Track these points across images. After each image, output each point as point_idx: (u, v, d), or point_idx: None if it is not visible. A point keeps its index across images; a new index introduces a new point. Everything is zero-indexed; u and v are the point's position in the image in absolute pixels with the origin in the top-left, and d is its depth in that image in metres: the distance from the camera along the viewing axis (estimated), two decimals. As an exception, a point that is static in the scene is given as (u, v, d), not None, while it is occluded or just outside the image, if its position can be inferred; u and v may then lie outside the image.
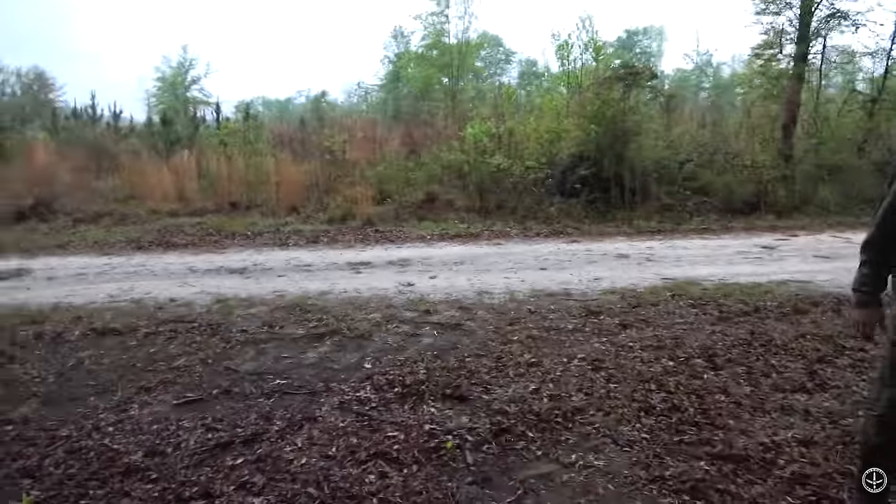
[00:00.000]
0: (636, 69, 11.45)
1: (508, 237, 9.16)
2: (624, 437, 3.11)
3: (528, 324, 4.92)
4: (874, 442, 2.21)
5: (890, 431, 2.16)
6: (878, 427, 2.18)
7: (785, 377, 3.89)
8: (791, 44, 13.49)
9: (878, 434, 2.18)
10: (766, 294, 5.66)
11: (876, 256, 2.11)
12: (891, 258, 2.11)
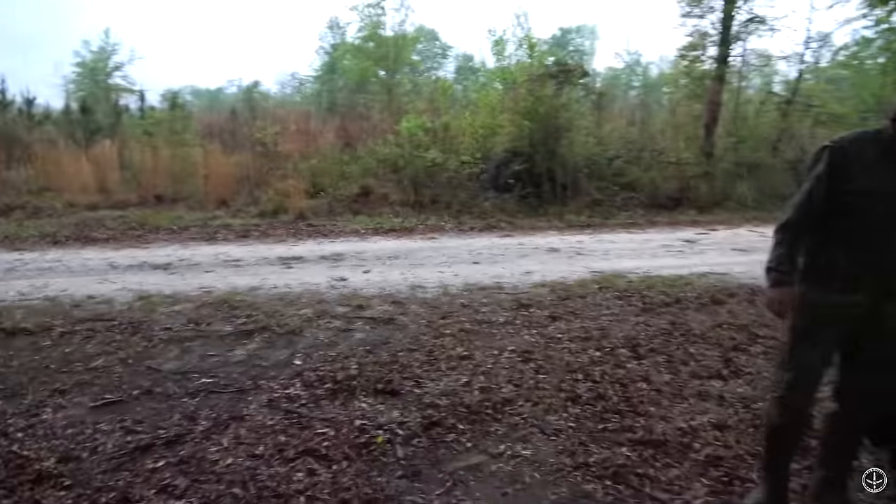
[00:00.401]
0: (568, 67, 11.71)
1: (443, 231, 9.21)
2: (551, 427, 3.19)
3: (461, 317, 4.96)
4: (776, 423, 2.35)
5: (790, 412, 2.31)
6: (779, 408, 2.32)
7: (702, 365, 4.09)
8: (714, 46, 14.11)
9: (780, 415, 2.32)
10: (686, 286, 5.92)
11: (791, 238, 2.22)
12: (803, 241, 2.23)
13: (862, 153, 2.17)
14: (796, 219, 2.21)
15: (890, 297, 2.20)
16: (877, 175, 2.13)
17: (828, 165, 2.17)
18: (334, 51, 31.75)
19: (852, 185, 2.14)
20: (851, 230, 2.18)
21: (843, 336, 2.25)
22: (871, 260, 2.18)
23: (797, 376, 2.28)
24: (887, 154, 2.14)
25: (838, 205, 2.16)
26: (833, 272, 2.21)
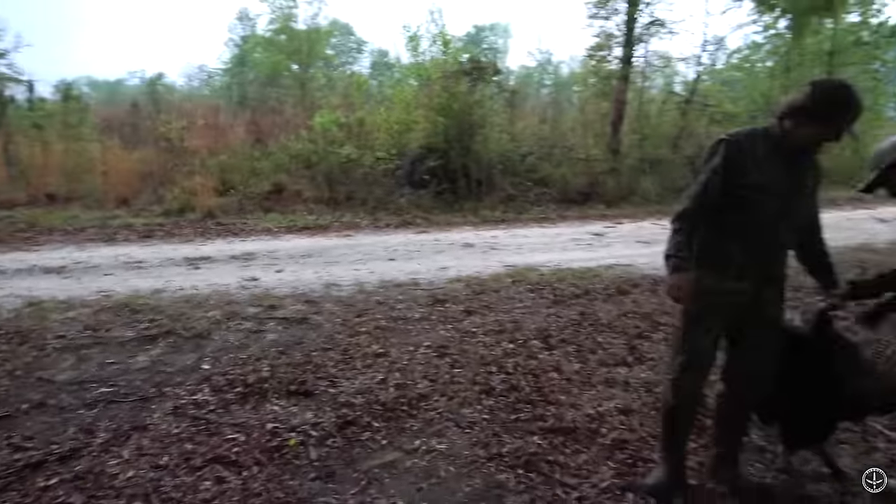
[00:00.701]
0: (482, 64, 11.86)
1: (358, 228, 9.11)
2: (466, 420, 3.24)
3: (377, 315, 4.94)
4: (671, 404, 2.49)
5: (684, 394, 2.45)
6: (674, 390, 2.46)
7: (609, 353, 4.26)
8: (619, 47, 14.72)
9: (675, 397, 2.46)
10: (595, 277, 6.15)
11: (688, 227, 2.32)
12: (698, 230, 2.35)
13: (754, 149, 2.30)
14: (693, 209, 2.32)
15: (770, 284, 2.37)
16: (767, 170, 2.28)
17: (724, 159, 2.29)
18: (244, 43, 30.67)
19: (745, 179, 2.27)
20: (742, 221, 2.31)
21: (731, 321, 2.41)
22: (758, 250, 2.33)
23: (690, 359, 2.42)
24: (776, 151, 2.29)
25: (732, 197, 2.29)
26: (724, 260, 2.34)
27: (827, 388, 2.43)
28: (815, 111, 2.20)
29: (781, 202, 2.29)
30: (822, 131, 2.24)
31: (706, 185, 2.31)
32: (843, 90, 2.23)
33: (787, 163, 2.30)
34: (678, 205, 2.38)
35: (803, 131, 2.25)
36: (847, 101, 2.20)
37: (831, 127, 2.22)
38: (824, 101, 2.19)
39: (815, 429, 2.62)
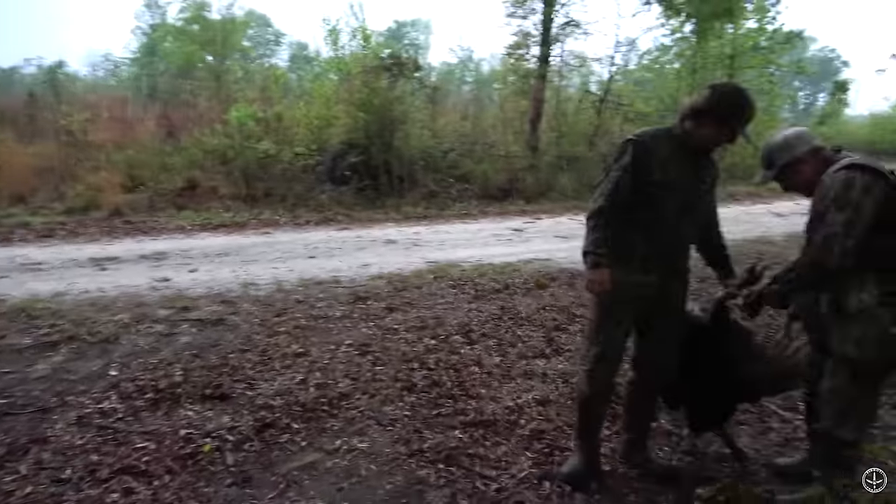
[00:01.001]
0: (402, 60, 11.81)
1: (277, 226, 8.89)
2: (387, 417, 3.24)
3: (296, 314, 4.85)
4: (586, 393, 2.59)
5: (598, 383, 2.55)
6: (588, 380, 2.56)
7: (528, 345, 4.37)
8: (536, 46, 15.05)
9: (589, 386, 2.56)
10: (514, 272, 6.28)
11: (603, 223, 2.41)
12: (613, 224, 2.43)
13: (659, 148, 2.40)
14: (607, 206, 2.41)
15: (674, 276, 2.51)
16: (671, 169, 2.39)
17: (632, 158, 2.39)
18: (153, 32, 29.24)
19: (651, 177, 2.38)
20: (648, 217, 2.43)
21: (639, 312, 2.52)
22: (662, 244, 2.46)
23: (604, 350, 2.52)
24: (679, 150, 2.41)
25: (640, 195, 2.40)
26: (632, 255, 2.45)
27: (724, 372, 2.59)
28: (713, 113, 2.32)
29: (684, 199, 2.42)
30: (718, 132, 2.35)
31: (617, 184, 2.40)
32: (738, 94, 2.36)
33: (688, 161, 2.43)
34: (593, 202, 2.46)
35: (702, 132, 2.36)
36: (741, 104, 2.33)
37: (727, 129, 2.34)
38: (721, 104, 2.31)
39: (715, 412, 2.78)
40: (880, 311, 2.12)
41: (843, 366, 2.21)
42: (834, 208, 2.08)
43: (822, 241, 2.10)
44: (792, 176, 2.35)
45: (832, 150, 2.33)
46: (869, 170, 2.12)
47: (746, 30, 17.76)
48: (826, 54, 62.74)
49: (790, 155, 2.32)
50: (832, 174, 2.17)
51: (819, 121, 32.45)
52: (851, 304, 2.15)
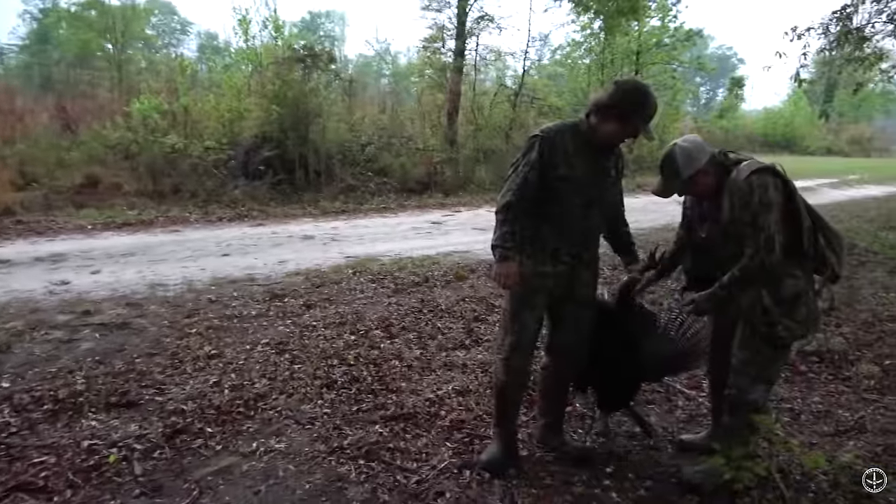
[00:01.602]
0: (315, 51, 11.55)
1: (187, 223, 8.50)
2: (306, 416, 3.18)
3: (209, 314, 4.67)
4: (503, 382, 2.64)
5: (514, 371, 2.61)
6: (505, 369, 2.61)
7: (448, 337, 4.41)
8: (451, 39, 15.14)
9: (506, 375, 2.62)
10: (434, 265, 6.31)
11: (512, 217, 2.45)
12: (520, 219, 2.47)
13: (565, 143, 2.44)
14: (516, 201, 2.44)
15: (583, 266, 2.59)
16: (576, 164, 2.45)
17: (539, 154, 2.43)
18: (45, 17, 27.23)
19: (557, 172, 2.44)
20: (556, 210, 2.50)
21: (551, 301, 2.60)
22: (571, 236, 2.53)
23: (519, 339, 2.58)
24: (584, 145, 2.47)
25: (547, 189, 2.46)
26: (543, 247, 2.52)
27: (629, 353, 2.71)
28: (616, 110, 2.38)
29: (589, 193, 2.49)
30: (621, 128, 2.42)
31: (525, 179, 2.44)
32: (640, 92, 2.41)
33: (594, 156, 2.49)
34: (501, 197, 2.50)
35: (606, 128, 2.42)
36: (643, 102, 2.39)
37: (630, 125, 2.41)
38: (624, 101, 2.36)
39: (623, 392, 2.91)
40: (809, 289, 2.35)
41: (767, 340, 2.36)
42: (763, 212, 2.22)
43: (764, 243, 2.22)
44: (695, 186, 2.43)
45: (721, 154, 2.43)
46: (769, 170, 2.29)
47: (651, 27, 18.60)
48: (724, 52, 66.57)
49: (693, 168, 2.37)
50: (745, 181, 2.26)
51: (718, 115, 34.52)
52: (787, 290, 2.32)
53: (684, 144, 2.41)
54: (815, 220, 2.34)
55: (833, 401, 3.46)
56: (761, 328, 2.35)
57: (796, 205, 2.30)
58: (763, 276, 2.29)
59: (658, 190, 2.52)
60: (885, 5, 7.47)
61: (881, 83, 28.56)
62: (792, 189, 2.30)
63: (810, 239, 2.31)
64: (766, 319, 2.33)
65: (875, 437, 3.00)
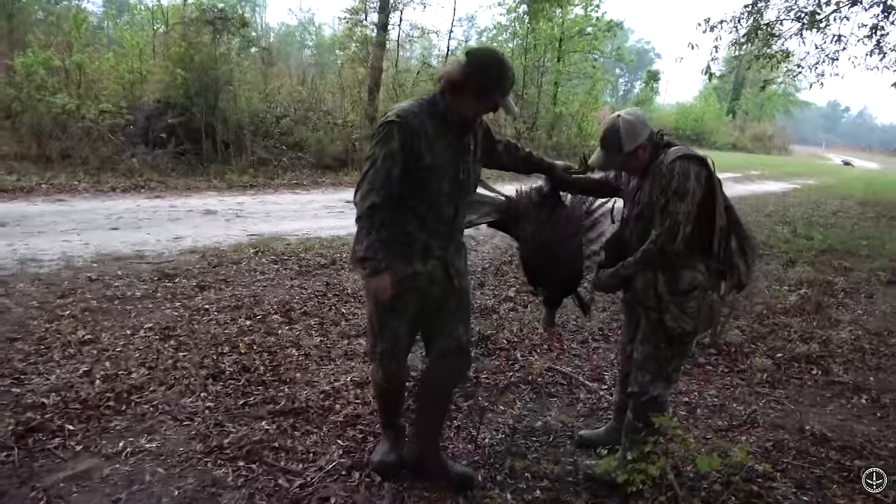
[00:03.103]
0: (226, 14, 10.84)
1: (75, 192, 7.78)
2: (185, 411, 2.90)
3: (87, 294, 4.24)
4: (381, 385, 2.46)
5: (389, 376, 2.41)
6: (382, 375, 2.42)
7: (353, 323, 4.20)
8: (374, 12, 14.71)
9: (382, 379, 2.43)
10: (343, 246, 6.04)
11: (378, 221, 2.12)
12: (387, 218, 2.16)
13: (424, 127, 2.14)
14: (381, 201, 2.11)
15: (456, 256, 2.36)
16: (440, 149, 2.17)
17: (400, 143, 2.10)
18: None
19: (423, 162, 2.14)
20: (422, 204, 2.22)
21: (426, 299, 2.33)
22: (440, 228, 2.27)
23: (392, 346, 2.34)
24: (443, 125, 2.18)
25: (411, 181, 2.15)
26: (412, 246, 2.24)
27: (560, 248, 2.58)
28: (471, 85, 2.11)
29: (456, 177, 2.24)
30: (479, 104, 2.17)
31: (388, 174, 2.10)
32: (496, 63, 2.15)
33: (454, 135, 2.22)
34: (363, 200, 2.10)
35: (462, 104, 2.16)
36: (500, 74, 2.14)
37: (488, 99, 2.16)
38: (480, 74, 2.11)
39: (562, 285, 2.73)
40: (707, 286, 2.29)
41: (663, 334, 2.32)
42: (675, 199, 2.17)
43: (668, 230, 2.18)
44: (632, 161, 2.31)
45: (657, 134, 2.34)
46: (697, 159, 2.22)
47: (574, 15, 18.81)
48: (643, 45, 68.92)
49: (635, 143, 2.26)
50: (669, 165, 2.20)
51: (635, 106, 35.64)
52: (684, 281, 2.27)
53: (628, 118, 2.27)
54: (732, 222, 2.31)
55: (728, 394, 3.53)
56: (651, 314, 2.32)
57: (715, 202, 2.24)
58: (661, 262, 2.25)
59: (598, 164, 2.38)
60: (793, 3, 7.77)
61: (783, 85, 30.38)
62: (715, 185, 2.25)
63: (721, 240, 2.27)
64: (656, 305, 2.30)
65: (766, 433, 3.06)
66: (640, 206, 2.33)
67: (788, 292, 5.61)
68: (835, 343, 4.43)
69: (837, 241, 8.26)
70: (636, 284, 2.35)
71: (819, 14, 7.73)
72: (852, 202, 13.85)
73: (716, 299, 2.33)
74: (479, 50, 2.28)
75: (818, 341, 4.42)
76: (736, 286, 2.35)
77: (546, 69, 18.18)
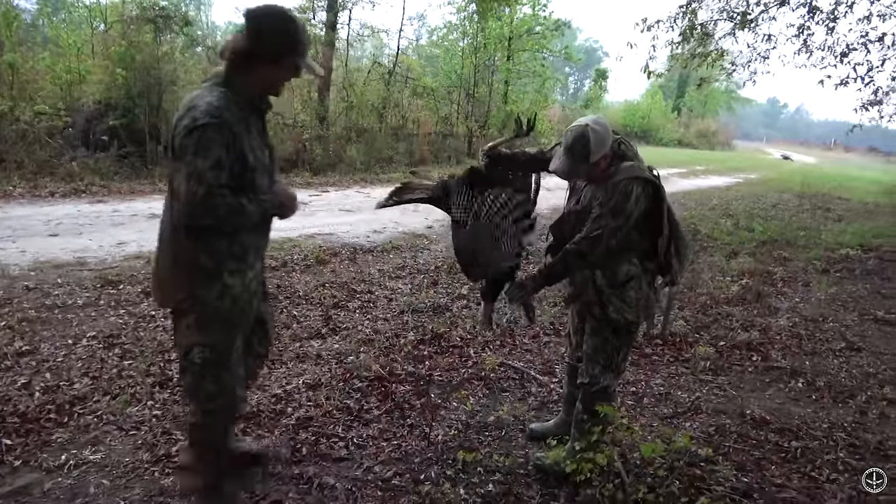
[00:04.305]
0: (167, 12, 10.53)
1: (10, 198, 7.42)
2: (131, 420, 2.84)
3: (24, 304, 4.07)
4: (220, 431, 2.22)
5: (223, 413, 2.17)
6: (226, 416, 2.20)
7: (304, 326, 4.17)
8: (323, 11, 14.54)
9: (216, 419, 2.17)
10: (294, 248, 5.97)
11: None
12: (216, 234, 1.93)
13: (241, 121, 1.87)
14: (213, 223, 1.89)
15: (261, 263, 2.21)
16: (255, 140, 1.93)
17: (225, 147, 1.80)
18: None
19: (248, 163, 1.88)
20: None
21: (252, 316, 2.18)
22: (263, 231, 2.09)
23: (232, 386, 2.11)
24: (248, 112, 1.92)
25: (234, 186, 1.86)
26: (244, 256, 2.00)
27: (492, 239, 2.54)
28: (262, 49, 1.87)
29: (271, 168, 2.03)
30: (279, 72, 1.94)
31: (221, 187, 1.80)
32: (282, 19, 1.90)
33: (256, 120, 1.97)
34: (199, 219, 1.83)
35: (260, 76, 1.92)
36: (292, 30, 1.90)
37: (285, 63, 1.92)
38: (267, 35, 1.87)
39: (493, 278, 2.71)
40: (642, 277, 2.38)
41: (608, 326, 2.39)
42: (609, 214, 2.24)
43: (593, 238, 2.26)
44: (594, 170, 2.31)
45: (616, 143, 2.34)
46: (642, 180, 2.27)
47: (523, 14, 19.02)
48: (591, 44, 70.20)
49: (601, 153, 2.26)
50: (614, 182, 2.26)
51: (584, 104, 36.31)
52: (621, 275, 2.35)
53: (597, 128, 2.26)
54: (671, 228, 2.38)
55: (673, 382, 3.65)
56: (594, 308, 2.39)
57: (662, 214, 2.32)
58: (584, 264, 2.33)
59: (563, 171, 2.33)
60: (725, 3, 8.05)
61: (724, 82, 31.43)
62: (662, 197, 2.32)
63: (664, 248, 2.36)
64: (598, 299, 2.37)
65: (709, 418, 3.18)
66: (581, 211, 2.39)
67: (731, 283, 5.81)
68: (774, 330, 4.62)
69: (777, 233, 8.61)
70: (575, 280, 2.42)
71: (750, 14, 8.02)
72: (790, 195, 14.44)
73: (651, 291, 2.43)
74: (258, 9, 1.91)
75: (758, 329, 4.61)
76: (669, 283, 2.47)
77: (496, 68, 18.31)
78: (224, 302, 1.99)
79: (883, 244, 8.29)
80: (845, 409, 3.43)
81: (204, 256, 1.93)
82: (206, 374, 2.04)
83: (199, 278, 1.96)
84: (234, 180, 1.85)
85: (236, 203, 1.85)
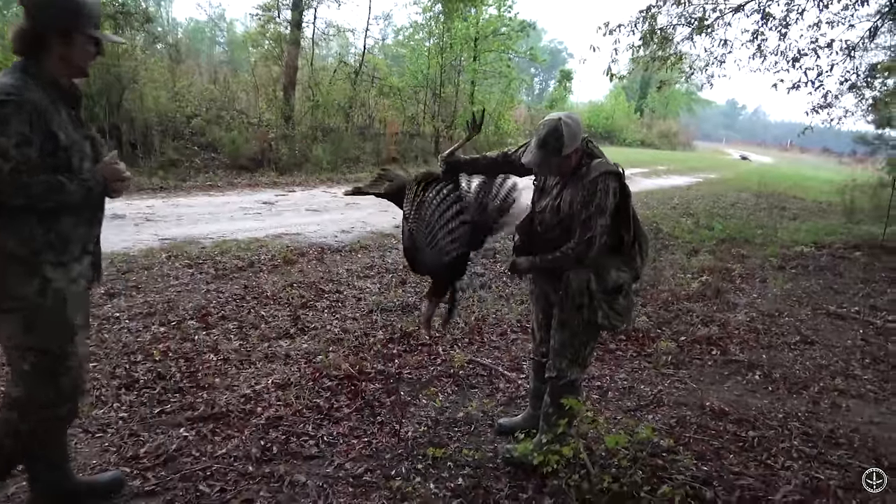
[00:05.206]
0: (127, 8, 10.33)
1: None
2: (97, 423, 2.80)
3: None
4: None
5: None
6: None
7: (272, 326, 4.15)
8: (288, 10, 14.42)
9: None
10: (261, 248, 5.93)
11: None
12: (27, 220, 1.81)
13: (44, 101, 1.76)
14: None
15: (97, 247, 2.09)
16: (65, 122, 1.82)
17: (30, 125, 1.71)
18: None
19: (59, 143, 1.79)
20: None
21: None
22: (91, 216, 1.97)
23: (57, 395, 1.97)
24: (57, 95, 1.82)
25: (51, 168, 1.78)
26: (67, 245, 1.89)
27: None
28: (51, 27, 1.77)
29: (90, 152, 1.92)
30: (72, 48, 1.81)
31: (28, 161, 1.72)
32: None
33: (67, 107, 1.87)
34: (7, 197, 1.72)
35: (59, 57, 1.80)
36: (73, 2, 1.77)
37: (79, 37, 1.80)
38: (52, 11, 1.76)
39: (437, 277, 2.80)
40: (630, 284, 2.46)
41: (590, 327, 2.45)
42: (597, 214, 2.29)
43: (587, 241, 2.31)
44: (564, 164, 2.36)
45: (584, 140, 2.40)
46: (615, 175, 2.34)
47: (488, 15, 19.15)
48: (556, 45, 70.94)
49: (572, 147, 2.31)
50: (593, 180, 2.30)
51: (549, 105, 36.69)
52: (611, 281, 2.40)
53: (569, 122, 2.30)
54: (634, 224, 2.46)
55: (636, 376, 3.75)
56: (585, 312, 2.42)
57: (629, 209, 2.40)
58: (576, 265, 2.38)
59: (535, 164, 2.37)
60: (684, 9, 8.26)
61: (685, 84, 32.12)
62: (628, 193, 2.40)
63: (629, 242, 2.43)
64: (590, 304, 2.41)
65: (670, 410, 3.28)
66: (558, 204, 2.42)
67: (691, 279, 5.98)
68: (732, 325, 4.78)
69: (735, 231, 8.87)
70: (571, 283, 2.43)
71: (707, 20, 8.25)
72: (748, 194, 14.86)
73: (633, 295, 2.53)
74: None
75: (717, 324, 4.76)
76: (633, 278, 2.53)
77: (463, 68, 18.42)
78: (46, 299, 1.84)
79: (835, 241, 8.60)
80: (799, 399, 3.57)
81: (14, 244, 1.78)
82: (40, 382, 1.90)
83: (13, 271, 1.80)
84: (47, 160, 1.77)
85: (54, 180, 1.76)
